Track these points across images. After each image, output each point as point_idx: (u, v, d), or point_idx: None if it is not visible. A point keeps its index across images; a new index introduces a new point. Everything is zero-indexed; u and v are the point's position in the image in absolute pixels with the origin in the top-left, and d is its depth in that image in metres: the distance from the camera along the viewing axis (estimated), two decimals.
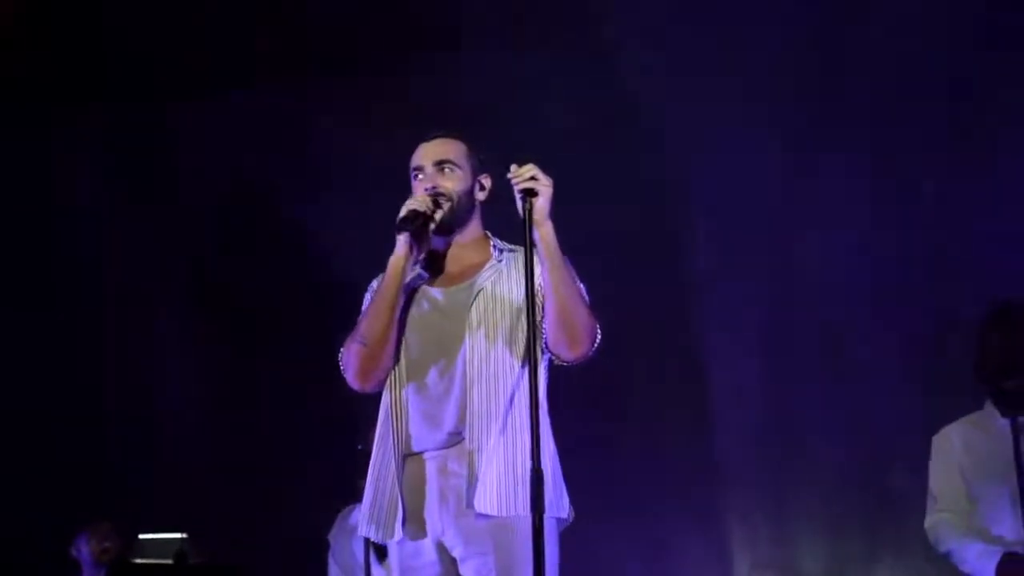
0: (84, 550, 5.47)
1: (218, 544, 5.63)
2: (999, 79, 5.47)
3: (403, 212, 3.29)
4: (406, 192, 3.43)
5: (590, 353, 3.28)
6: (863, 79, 5.67)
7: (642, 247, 5.86)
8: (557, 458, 3.31)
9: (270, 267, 6.47)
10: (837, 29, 5.73)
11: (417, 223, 3.29)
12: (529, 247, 3.12)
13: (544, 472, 3.04)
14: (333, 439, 5.30)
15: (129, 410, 6.56)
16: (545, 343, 3.27)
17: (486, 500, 3.16)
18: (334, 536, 5.11)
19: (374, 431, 4.84)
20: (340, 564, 5.04)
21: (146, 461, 6.40)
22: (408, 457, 3.28)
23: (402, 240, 3.31)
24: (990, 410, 4.28)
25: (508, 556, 3.14)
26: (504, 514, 3.15)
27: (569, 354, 3.27)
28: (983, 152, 5.46)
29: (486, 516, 3.16)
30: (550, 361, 3.34)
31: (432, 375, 3.28)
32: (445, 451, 3.25)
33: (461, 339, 3.28)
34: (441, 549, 3.24)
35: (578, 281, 3.31)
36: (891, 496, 5.31)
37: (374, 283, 3.44)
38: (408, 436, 3.28)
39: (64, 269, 6.72)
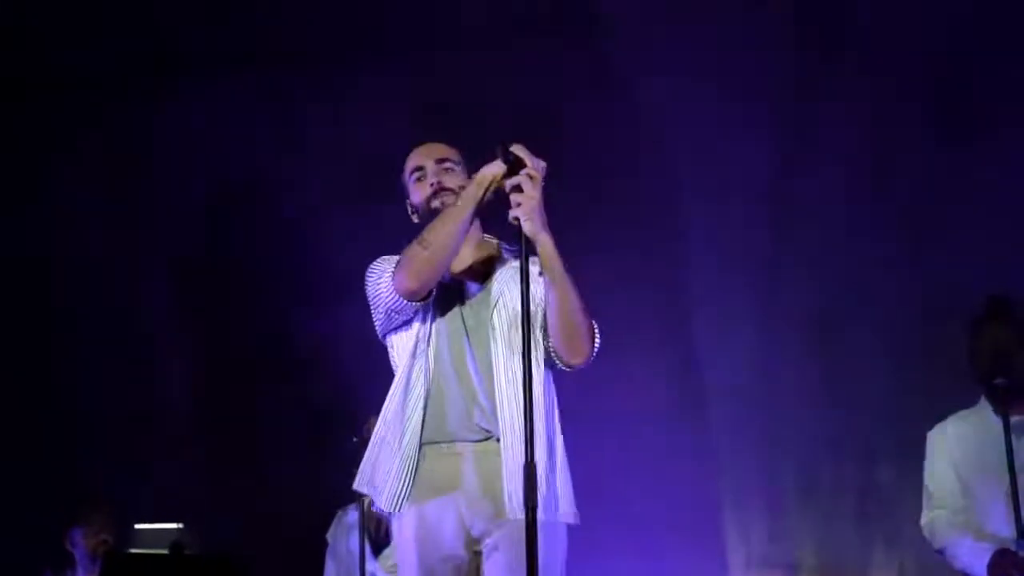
0: (80, 543, 5.45)
1: (214, 535, 5.63)
2: (980, 69, 5.50)
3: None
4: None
5: (590, 358, 3.32)
6: (848, 76, 5.69)
7: (633, 238, 5.87)
8: (567, 464, 3.33)
9: (265, 262, 6.46)
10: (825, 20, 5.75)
11: (512, 163, 3.16)
12: (525, 257, 3.09)
13: (558, 477, 3.19)
14: (332, 431, 5.31)
15: (125, 402, 6.55)
16: (548, 351, 3.30)
17: (520, 507, 3.10)
18: (332, 535, 5.14)
19: (371, 422, 4.91)
20: (338, 561, 5.07)
21: (142, 452, 6.40)
22: (429, 445, 3.29)
23: (499, 161, 3.18)
24: (984, 406, 4.28)
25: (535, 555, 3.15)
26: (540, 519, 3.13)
27: (570, 360, 3.30)
28: (972, 143, 5.48)
29: (517, 519, 3.15)
30: (554, 366, 3.35)
31: (462, 369, 3.29)
32: (476, 445, 3.27)
33: (488, 339, 3.30)
34: (468, 540, 3.26)
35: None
36: (884, 489, 5.34)
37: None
38: (434, 422, 3.29)
39: (48, 260, 6.70)
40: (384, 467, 3.30)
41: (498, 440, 3.24)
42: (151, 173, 6.70)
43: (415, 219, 3.51)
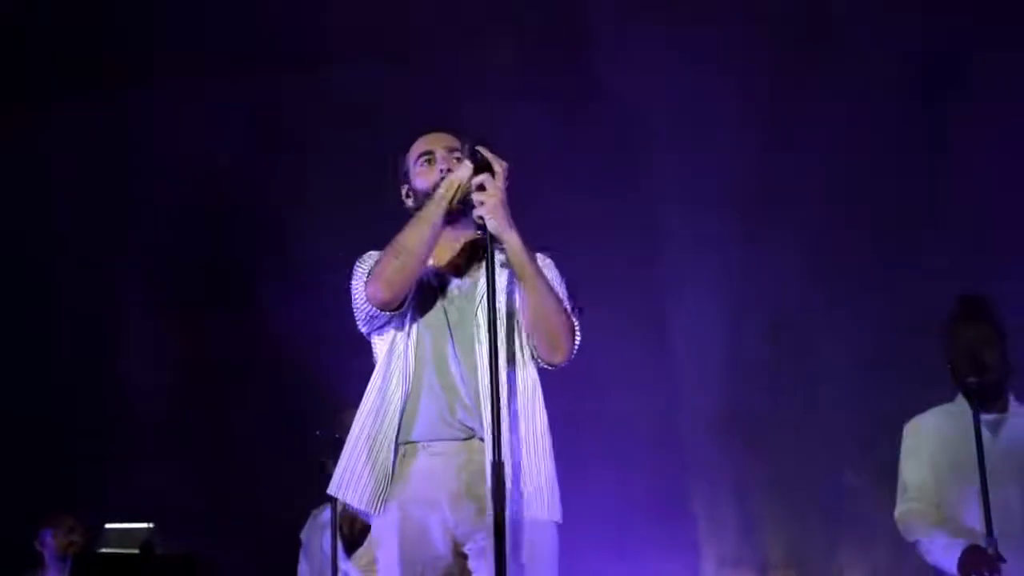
0: (49, 543, 5.45)
1: (185, 536, 5.61)
2: (958, 74, 5.53)
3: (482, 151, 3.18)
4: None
5: (571, 356, 3.26)
6: (826, 80, 5.69)
7: (609, 238, 5.87)
8: (553, 462, 3.28)
9: (238, 254, 6.44)
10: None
11: (479, 164, 3.14)
12: (490, 256, 3.09)
13: (544, 475, 3.18)
14: (302, 433, 5.29)
15: (100, 403, 6.53)
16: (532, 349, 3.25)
17: (508, 507, 3.07)
18: (306, 534, 5.12)
19: (340, 417, 4.89)
20: (311, 561, 5.05)
21: (112, 450, 6.38)
22: (407, 444, 3.23)
23: (467, 164, 3.14)
24: (961, 403, 4.29)
25: (519, 554, 3.11)
26: (520, 518, 3.13)
27: (550, 359, 3.24)
28: (946, 147, 5.49)
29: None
30: (538, 364, 3.30)
31: (444, 367, 3.24)
32: (459, 444, 3.20)
33: (473, 336, 3.24)
34: (453, 542, 3.20)
35: (559, 285, 3.28)
36: (853, 491, 5.33)
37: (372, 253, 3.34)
38: (412, 421, 3.23)
39: (21, 258, 6.68)
40: (362, 467, 3.23)
41: (482, 439, 3.18)
42: (139, 172, 6.68)
43: (410, 203, 3.43)
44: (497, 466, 2.96)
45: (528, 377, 3.26)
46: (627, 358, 5.74)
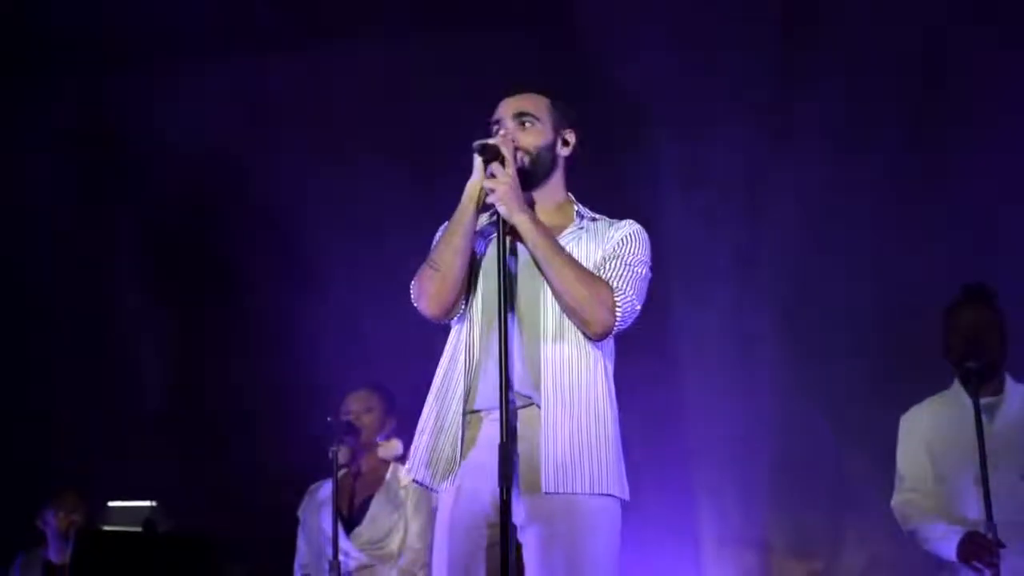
0: (51, 522, 5.45)
1: (188, 515, 5.62)
2: (952, 68, 5.56)
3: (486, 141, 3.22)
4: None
5: (613, 327, 3.21)
6: (824, 72, 5.70)
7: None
8: (620, 437, 3.27)
9: (238, 231, 6.42)
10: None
11: (490, 156, 3.18)
12: (502, 242, 3.13)
13: (602, 448, 3.15)
14: (304, 412, 5.30)
15: (98, 380, 6.52)
16: None
17: (556, 479, 3.12)
18: (303, 511, 5.12)
19: (345, 404, 4.92)
20: (308, 538, 5.06)
21: (116, 432, 6.38)
22: (472, 413, 3.23)
23: (478, 164, 3.20)
24: (957, 390, 4.33)
25: (571, 529, 3.13)
26: (572, 491, 3.14)
27: (586, 333, 3.21)
28: (944, 140, 5.51)
29: (551, 494, 3.14)
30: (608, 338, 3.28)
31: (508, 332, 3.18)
32: (519, 412, 3.16)
33: (537, 302, 3.24)
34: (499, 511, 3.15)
35: (634, 255, 3.30)
36: (857, 474, 5.35)
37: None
38: (475, 390, 3.23)
39: (18, 238, 6.66)
40: (434, 444, 3.24)
41: (538, 406, 3.17)
42: (139, 170, 6.65)
43: None
44: (504, 447, 2.98)
45: (582, 350, 3.22)
46: (628, 342, 5.74)
